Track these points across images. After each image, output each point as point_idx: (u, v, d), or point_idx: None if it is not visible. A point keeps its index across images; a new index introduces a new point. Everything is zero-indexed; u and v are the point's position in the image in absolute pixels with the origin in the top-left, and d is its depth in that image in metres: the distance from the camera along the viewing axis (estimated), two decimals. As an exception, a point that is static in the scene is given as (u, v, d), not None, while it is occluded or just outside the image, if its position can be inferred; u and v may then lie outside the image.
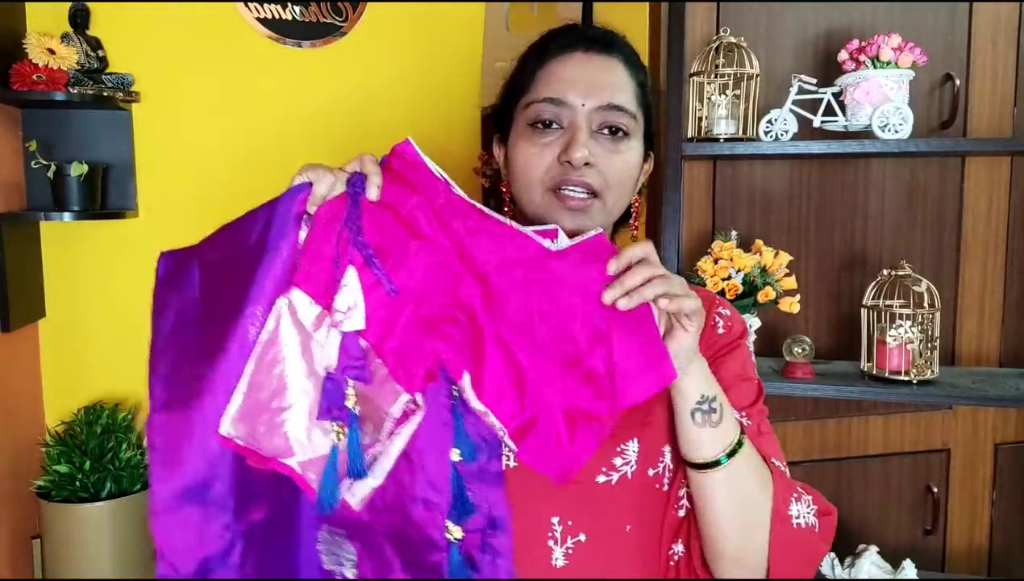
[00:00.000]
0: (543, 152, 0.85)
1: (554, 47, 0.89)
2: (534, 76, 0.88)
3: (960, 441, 1.81)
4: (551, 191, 0.85)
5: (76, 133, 1.59)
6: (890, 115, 1.45)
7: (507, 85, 0.93)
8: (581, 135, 0.83)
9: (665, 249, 1.53)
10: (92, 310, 1.65)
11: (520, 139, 0.87)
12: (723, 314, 0.95)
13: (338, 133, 1.71)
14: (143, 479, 1.54)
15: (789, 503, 0.82)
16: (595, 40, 0.89)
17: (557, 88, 0.86)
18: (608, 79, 0.87)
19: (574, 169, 0.83)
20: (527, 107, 0.87)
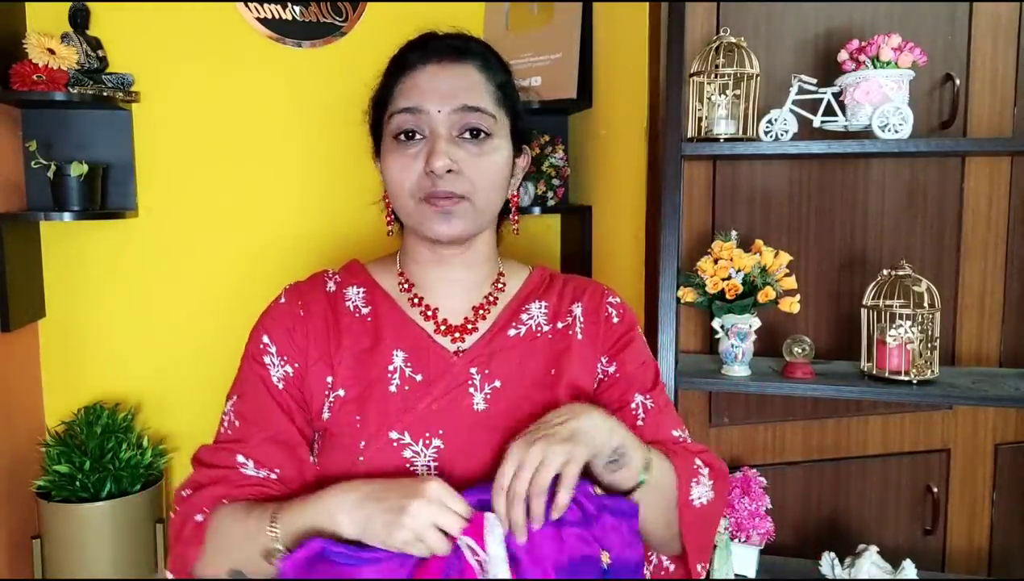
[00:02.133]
0: (410, 164, 0.89)
1: (410, 60, 0.93)
2: (393, 90, 0.93)
3: (960, 441, 1.81)
4: (422, 200, 0.89)
5: (76, 133, 1.59)
6: (890, 115, 1.45)
7: (373, 100, 0.98)
8: (440, 143, 0.87)
9: (665, 249, 1.53)
10: (92, 310, 1.65)
11: (388, 153, 0.92)
12: (614, 303, 1.01)
13: (338, 133, 1.71)
14: (143, 479, 1.54)
15: (691, 489, 0.90)
16: (448, 49, 0.93)
17: (414, 97, 0.90)
18: (462, 83, 0.91)
19: (439, 178, 0.87)
20: (390, 119, 0.91)
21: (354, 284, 0.99)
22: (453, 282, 0.97)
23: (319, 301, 0.97)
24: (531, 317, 0.97)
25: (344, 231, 1.73)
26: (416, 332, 0.94)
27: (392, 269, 1.01)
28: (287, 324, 0.94)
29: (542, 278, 1.03)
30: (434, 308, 0.96)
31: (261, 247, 1.70)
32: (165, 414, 1.69)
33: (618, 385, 0.97)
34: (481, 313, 0.97)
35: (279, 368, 0.92)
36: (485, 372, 0.91)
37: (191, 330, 1.69)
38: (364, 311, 0.96)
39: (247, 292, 1.70)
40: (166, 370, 1.68)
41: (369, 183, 1.75)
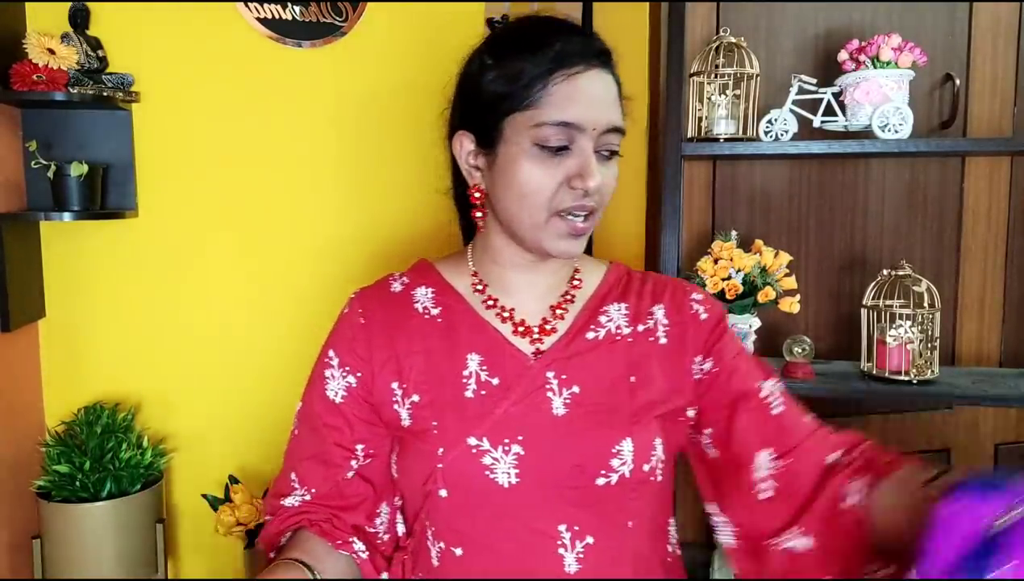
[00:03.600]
0: (553, 175, 0.83)
1: (569, 57, 0.82)
2: (544, 90, 0.82)
3: (960, 441, 1.81)
4: (557, 215, 0.84)
5: (76, 133, 1.59)
6: (890, 115, 1.45)
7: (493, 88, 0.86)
8: (593, 162, 0.82)
9: (665, 249, 1.53)
10: (92, 310, 1.65)
11: (526, 158, 0.83)
12: (698, 299, 0.96)
13: (338, 133, 1.71)
14: (143, 479, 1.54)
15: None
16: (601, 54, 0.85)
17: (571, 111, 0.81)
18: (610, 98, 0.85)
19: (586, 195, 0.83)
20: (538, 126, 0.82)
21: (423, 284, 0.95)
22: (533, 284, 0.93)
23: (383, 305, 0.94)
24: (610, 319, 0.93)
25: (345, 231, 1.73)
26: (492, 334, 0.91)
27: (463, 268, 0.96)
28: (349, 334, 0.93)
29: (619, 276, 0.98)
30: (510, 309, 0.92)
31: (261, 247, 1.70)
32: (165, 414, 1.69)
33: (724, 377, 0.92)
34: (559, 313, 0.93)
35: (340, 380, 0.92)
36: (562, 377, 0.88)
37: (191, 330, 1.69)
38: (434, 312, 0.93)
39: (247, 292, 1.70)
40: (166, 370, 1.68)
41: (371, 183, 1.76)
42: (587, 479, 0.84)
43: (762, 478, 0.87)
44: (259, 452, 1.73)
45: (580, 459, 0.84)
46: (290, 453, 0.95)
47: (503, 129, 0.85)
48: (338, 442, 0.91)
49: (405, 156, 1.74)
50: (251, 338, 1.71)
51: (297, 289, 1.72)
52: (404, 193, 1.74)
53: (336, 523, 0.89)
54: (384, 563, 0.93)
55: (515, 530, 0.84)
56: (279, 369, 1.72)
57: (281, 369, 1.72)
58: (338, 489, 0.91)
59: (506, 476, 0.83)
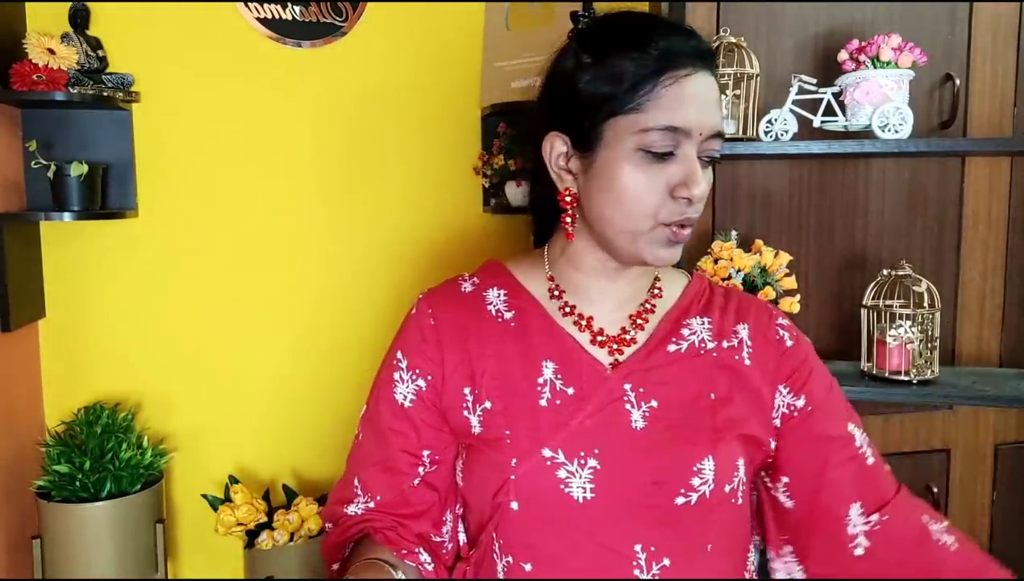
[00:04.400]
0: (656, 182, 0.79)
1: (678, 58, 0.78)
2: (651, 93, 0.78)
3: (960, 441, 1.81)
4: (661, 225, 0.80)
5: (76, 133, 1.59)
6: (890, 115, 1.45)
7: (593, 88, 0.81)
8: (698, 170, 0.79)
9: (665, 249, 1.53)
10: (92, 310, 1.65)
11: (628, 163, 0.79)
12: (784, 325, 0.93)
13: (338, 133, 1.71)
14: (143, 479, 1.54)
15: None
16: (706, 55, 0.81)
17: (680, 115, 0.78)
18: (715, 101, 0.81)
19: (690, 205, 0.80)
20: (644, 132, 0.78)
21: (495, 285, 0.92)
22: (613, 293, 0.89)
23: (453, 306, 0.90)
24: (693, 332, 0.89)
25: (346, 229, 1.73)
26: (568, 342, 0.87)
27: (539, 272, 0.92)
28: (418, 336, 0.89)
29: (701, 289, 0.94)
30: (588, 317, 0.88)
31: (260, 246, 1.70)
32: (165, 414, 1.69)
33: (817, 418, 0.88)
34: (639, 323, 0.89)
35: (410, 384, 0.88)
36: (640, 390, 0.84)
37: (191, 330, 1.69)
38: (507, 315, 0.89)
39: (247, 292, 1.70)
40: (166, 370, 1.68)
41: (370, 182, 1.76)
42: (666, 497, 0.81)
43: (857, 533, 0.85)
44: (259, 452, 1.73)
45: (659, 476, 0.81)
46: (353, 459, 0.92)
47: (603, 132, 0.80)
48: (405, 448, 0.88)
49: (405, 155, 1.74)
50: (251, 338, 1.71)
51: (297, 289, 1.72)
52: (404, 192, 1.74)
53: (401, 531, 0.87)
54: (446, 573, 0.90)
55: (588, 547, 0.81)
56: (279, 368, 1.72)
57: (282, 368, 1.72)
58: (403, 497, 0.88)
59: (581, 491, 0.80)
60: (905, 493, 0.88)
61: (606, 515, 0.80)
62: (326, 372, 1.73)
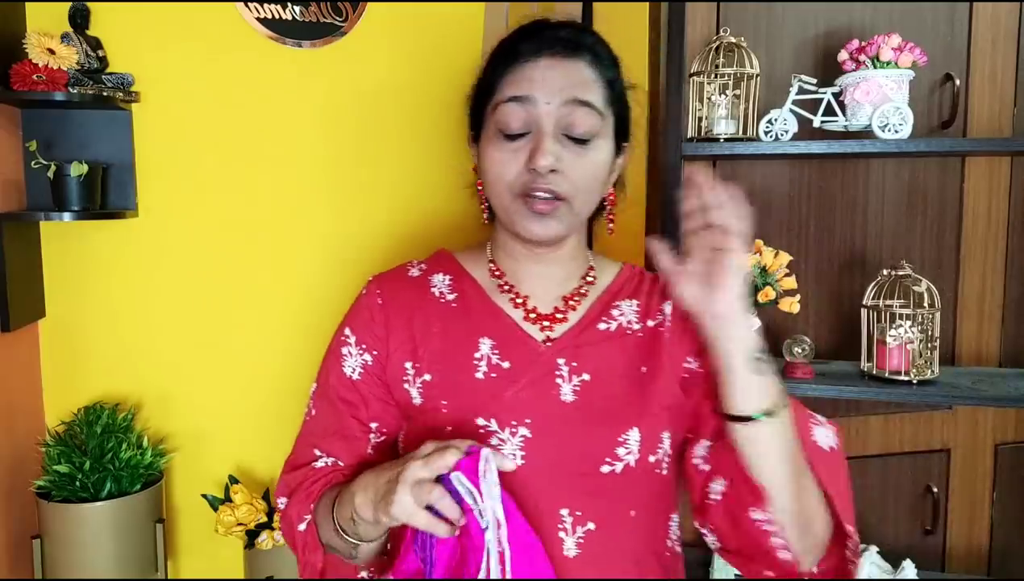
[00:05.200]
0: (513, 158, 0.87)
1: (522, 50, 0.90)
2: (501, 79, 0.90)
3: (960, 441, 1.81)
4: (519, 196, 0.87)
5: (76, 133, 1.59)
6: (890, 115, 1.45)
7: (477, 85, 0.96)
8: (546, 142, 0.85)
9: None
10: (92, 310, 1.65)
11: (490, 144, 0.90)
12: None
13: (338, 133, 1.71)
14: (143, 479, 1.54)
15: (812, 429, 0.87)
16: (560, 42, 0.89)
17: (523, 87, 0.87)
18: (573, 79, 0.88)
19: (540, 176, 0.86)
20: (495, 108, 0.89)
21: (440, 271, 1.00)
22: (544, 275, 0.97)
23: (401, 288, 0.98)
24: (622, 314, 0.96)
25: (346, 230, 1.73)
26: (504, 320, 0.94)
27: (482, 259, 1.01)
28: (367, 314, 0.96)
29: (632, 275, 1.02)
30: (524, 296, 0.96)
31: (260, 246, 1.70)
32: (165, 414, 1.69)
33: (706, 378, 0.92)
34: (571, 304, 0.96)
35: (357, 358, 0.95)
36: (573, 364, 0.90)
37: (191, 330, 1.69)
38: (450, 297, 0.97)
39: (247, 292, 1.70)
40: (166, 370, 1.68)
41: (371, 182, 1.76)
42: (592, 466, 0.86)
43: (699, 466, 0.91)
44: (259, 452, 1.73)
45: (586, 446, 0.86)
46: (307, 432, 0.97)
47: (483, 121, 0.93)
48: (356, 416, 0.94)
49: (405, 156, 1.74)
50: (251, 338, 1.71)
51: (297, 289, 1.72)
52: (405, 192, 1.74)
53: None
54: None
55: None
56: (279, 369, 1.72)
57: (281, 369, 1.72)
58: (362, 460, 0.94)
59: (512, 458, 0.85)
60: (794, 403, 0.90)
61: (535, 481, 0.85)
62: (326, 372, 1.74)
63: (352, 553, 0.87)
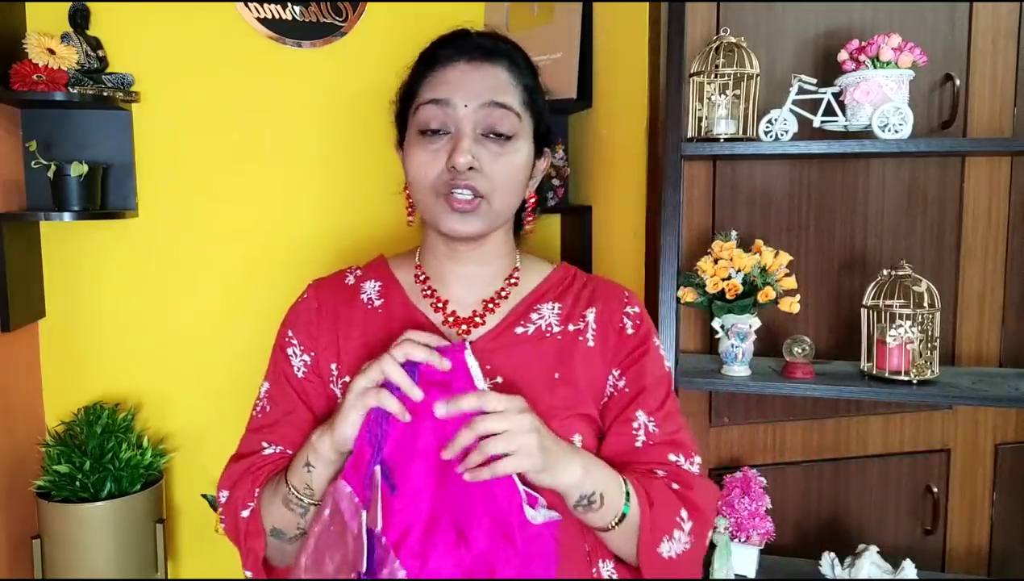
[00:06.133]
0: (433, 158, 0.90)
1: (440, 56, 0.94)
2: (421, 83, 0.93)
3: (960, 441, 1.81)
4: (441, 195, 0.90)
5: (76, 133, 1.59)
6: (890, 115, 1.45)
7: (400, 92, 0.99)
8: (464, 141, 0.88)
9: (665, 249, 1.53)
10: (92, 310, 1.65)
11: (412, 145, 0.93)
12: (631, 314, 1.00)
13: (338, 133, 1.71)
14: (143, 479, 1.54)
15: (660, 542, 0.88)
16: (478, 49, 0.93)
17: (442, 90, 0.91)
18: (490, 82, 0.91)
19: (459, 174, 0.88)
20: (416, 111, 0.92)
21: (372, 278, 1.02)
22: (466, 276, 0.99)
23: (335, 295, 1.01)
24: (541, 317, 0.97)
25: (344, 230, 1.73)
26: (423, 323, 0.96)
27: (411, 262, 1.03)
28: (305, 318, 1.00)
29: (563, 277, 1.02)
30: (444, 300, 0.98)
31: (261, 246, 1.70)
32: (165, 414, 1.69)
33: (624, 400, 0.96)
34: (490, 307, 0.98)
35: (299, 358, 0.99)
36: (486, 367, 0.91)
37: (191, 330, 1.69)
38: (377, 303, 0.99)
39: (247, 292, 1.70)
40: (166, 370, 1.68)
41: (371, 182, 1.76)
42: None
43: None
44: (259, 452, 1.73)
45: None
46: (255, 426, 1.00)
47: (405, 127, 0.96)
48: (308, 407, 0.97)
49: (405, 156, 1.74)
50: (251, 338, 1.71)
51: (297, 289, 1.72)
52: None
53: None
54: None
55: None
56: (279, 369, 1.72)
57: (281, 369, 1.72)
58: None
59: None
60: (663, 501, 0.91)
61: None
62: (326, 372, 1.74)
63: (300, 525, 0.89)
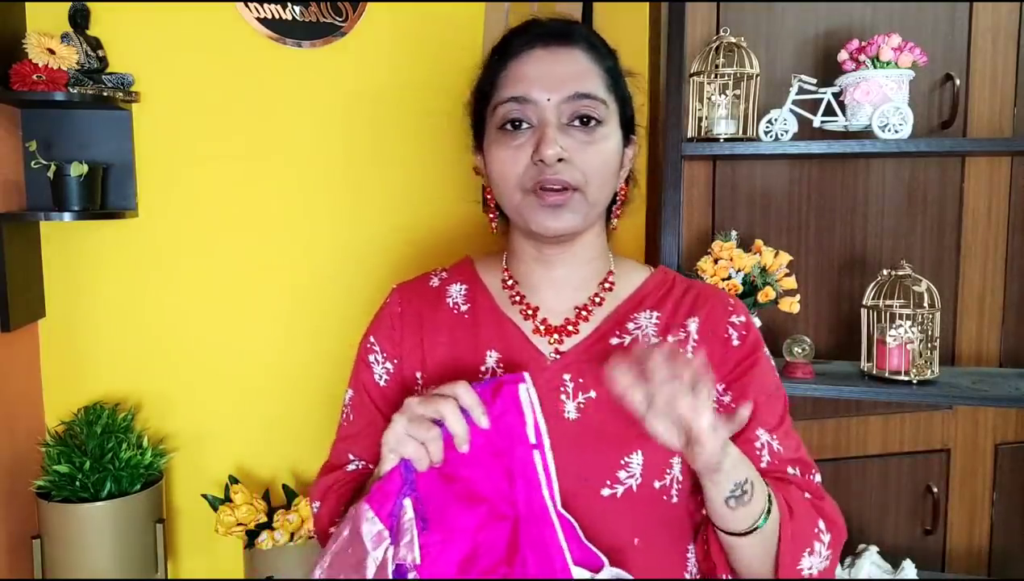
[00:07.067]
0: (517, 154, 0.84)
1: (514, 45, 0.88)
2: (498, 78, 0.88)
3: (960, 441, 1.81)
4: (530, 192, 0.84)
5: (76, 133, 1.59)
6: (890, 115, 1.45)
7: (475, 91, 0.93)
8: (550, 131, 0.82)
9: (665, 249, 1.53)
10: (92, 310, 1.65)
11: (493, 144, 0.87)
12: (736, 323, 0.92)
13: (338, 133, 1.71)
14: (143, 479, 1.54)
15: (801, 559, 0.82)
16: (553, 33, 0.87)
17: (520, 86, 0.85)
18: (571, 69, 0.85)
19: (548, 167, 0.82)
20: (495, 110, 0.87)
21: (458, 281, 0.97)
22: (556, 281, 0.92)
23: (418, 298, 0.97)
24: (638, 327, 0.90)
25: (344, 230, 1.73)
26: (512, 332, 0.90)
27: (498, 266, 0.97)
28: (388, 323, 0.96)
29: (661, 282, 0.95)
30: (535, 307, 0.92)
31: (261, 247, 1.70)
32: (165, 414, 1.69)
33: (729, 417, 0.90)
34: (584, 314, 0.91)
35: (382, 365, 0.95)
36: (579, 380, 0.86)
37: (191, 330, 1.69)
38: (463, 308, 0.94)
39: (247, 292, 1.70)
40: (166, 370, 1.68)
41: (371, 182, 1.76)
42: (591, 489, 0.82)
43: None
44: (259, 452, 1.73)
45: (586, 466, 0.82)
46: (342, 436, 0.97)
47: (485, 127, 0.90)
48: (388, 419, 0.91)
49: (405, 156, 1.73)
50: (251, 338, 1.71)
51: (297, 289, 1.72)
52: (404, 193, 1.74)
53: None
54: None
55: None
56: (279, 369, 1.72)
57: (281, 369, 1.72)
58: None
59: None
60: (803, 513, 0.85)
61: None
62: (326, 372, 1.73)
63: None
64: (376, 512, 0.74)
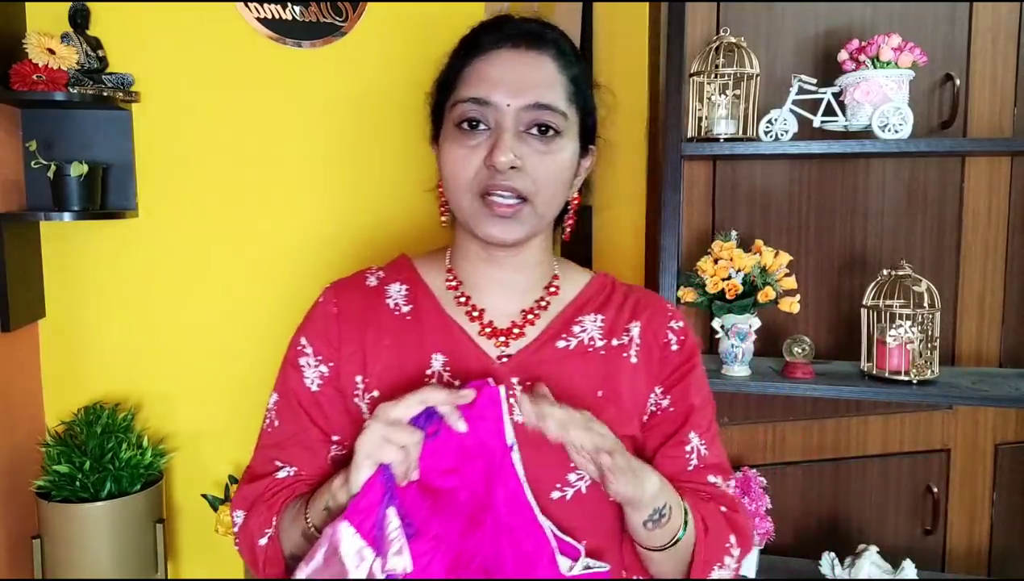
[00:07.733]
0: (470, 155, 0.82)
1: (482, 42, 0.86)
2: (460, 74, 0.86)
3: (960, 441, 1.82)
4: (479, 196, 0.82)
5: (76, 133, 1.59)
6: (890, 115, 1.45)
7: (437, 82, 0.91)
8: (506, 137, 0.81)
9: (665, 249, 1.53)
10: (92, 310, 1.65)
11: (448, 140, 0.85)
12: (675, 328, 0.94)
13: (338, 133, 1.71)
14: (143, 479, 1.54)
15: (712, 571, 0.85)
16: (523, 35, 0.85)
17: (482, 88, 0.82)
18: (535, 77, 0.83)
19: (500, 173, 0.81)
20: (454, 107, 0.85)
21: (398, 281, 0.94)
22: (503, 283, 0.91)
23: (356, 298, 0.93)
24: (584, 330, 0.90)
25: (344, 231, 1.73)
26: (458, 334, 0.88)
27: (441, 265, 0.95)
28: (322, 324, 0.92)
29: (602, 286, 0.96)
30: (481, 309, 0.90)
31: (261, 247, 1.70)
32: (165, 414, 1.69)
33: (672, 420, 0.90)
34: (530, 318, 0.90)
35: (315, 369, 0.91)
36: (527, 383, 0.85)
37: (191, 330, 1.69)
38: (405, 309, 0.91)
39: (247, 292, 1.70)
40: (166, 370, 1.68)
41: (372, 182, 1.76)
42: (542, 491, 0.81)
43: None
44: (259, 452, 1.73)
45: (537, 469, 0.81)
46: (266, 443, 0.92)
47: (442, 120, 0.88)
48: (318, 426, 0.90)
49: (405, 155, 1.74)
50: (251, 338, 1.71)
51: (297, 289, 1.72)
52: (405, 192, 1.74)
53: None
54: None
55: None
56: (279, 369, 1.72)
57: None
58: (323, 472, 0.88)
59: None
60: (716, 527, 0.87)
61: None
62: (326, 372, 1.74)
63: None
64: (358, 528, 0.71)
